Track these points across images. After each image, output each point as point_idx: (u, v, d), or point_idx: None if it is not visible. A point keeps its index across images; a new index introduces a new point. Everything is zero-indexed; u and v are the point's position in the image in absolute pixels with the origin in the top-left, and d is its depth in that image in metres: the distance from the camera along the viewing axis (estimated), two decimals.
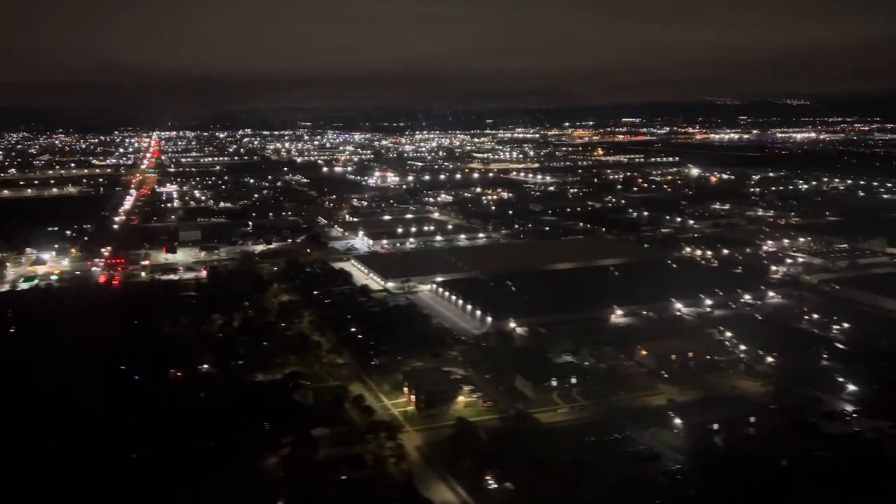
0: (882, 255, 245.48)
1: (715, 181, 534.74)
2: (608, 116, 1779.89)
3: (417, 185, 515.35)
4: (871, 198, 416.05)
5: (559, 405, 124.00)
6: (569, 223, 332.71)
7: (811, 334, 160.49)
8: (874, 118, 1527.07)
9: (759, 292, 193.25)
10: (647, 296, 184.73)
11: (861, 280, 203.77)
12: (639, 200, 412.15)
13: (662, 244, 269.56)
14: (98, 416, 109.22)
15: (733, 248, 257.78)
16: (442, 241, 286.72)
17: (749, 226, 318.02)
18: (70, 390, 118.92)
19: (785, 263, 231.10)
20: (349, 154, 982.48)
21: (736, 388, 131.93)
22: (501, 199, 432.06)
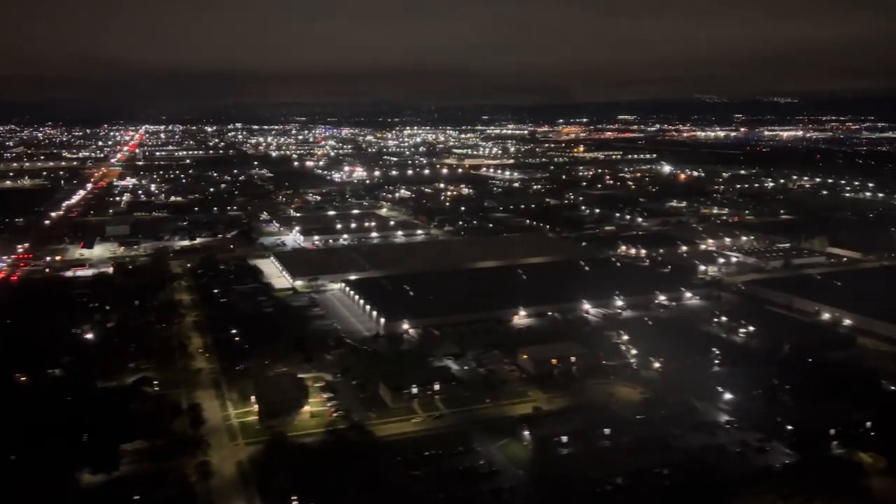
0: (820, 254, 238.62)
1: (683, 178, 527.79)
2: (603, 114, 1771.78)
3: (381, 181, 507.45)
4: (833, 197, 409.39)
5: (416, 414, 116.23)
6: (518, 220, 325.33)
7: (714, 338, 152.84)
8: (868, 117, 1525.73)
9: (676, 293, 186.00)
10: (559, 296, 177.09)
11: (784, 281, 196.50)
12: (598, 197, 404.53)
13: (601, 242, 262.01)
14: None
15: (670, 246, 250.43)
16: (377, 238, 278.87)
17: (698, 224, 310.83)
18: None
19: (716, 263, 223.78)
20: (329, 149, 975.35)
21: (612, 396, 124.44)
22: (460, 196, 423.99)
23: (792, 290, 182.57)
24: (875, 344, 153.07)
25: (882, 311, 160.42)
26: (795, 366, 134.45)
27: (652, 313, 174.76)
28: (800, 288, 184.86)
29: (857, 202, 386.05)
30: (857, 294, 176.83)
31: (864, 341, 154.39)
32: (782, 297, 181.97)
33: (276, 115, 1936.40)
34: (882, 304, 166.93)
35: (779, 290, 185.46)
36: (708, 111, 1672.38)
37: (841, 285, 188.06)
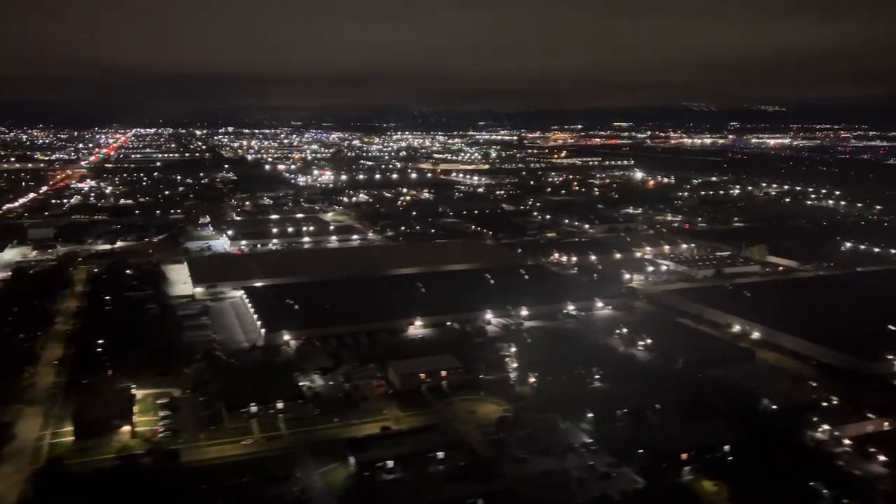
0: (756, 263, 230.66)
1: (652, 185, 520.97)
2: (599, 120, 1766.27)
3: (344, 185, 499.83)
4: (794, 204, 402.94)
5: (250, 435, 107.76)
6: (465, 225, 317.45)
7: (607, 351, 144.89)
8: (861, 126, 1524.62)
9: (588, 303, 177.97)
10: (463, 305, 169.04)
11: (702, 292, 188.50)
12: (555, 204, 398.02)
13: (537, 249, 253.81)
14: None
15: (605, 254, 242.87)
16: (309, 243, 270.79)
17: (646, 231, 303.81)
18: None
19: (644, 271, 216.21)
20: (309, 153, 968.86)
21: (474, 414, 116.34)
22: (418, 200, 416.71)
23: (707, 301, 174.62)
24: (777, 358, 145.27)
25: (788, 324, 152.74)
26: (680, 382, 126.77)
27: (557, 324, 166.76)
28: (716, 299, 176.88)
29: (816, 210, 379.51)
30: (772, 305, 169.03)
31: (767, 355, 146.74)
32: (696, 307, 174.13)
33: (272, 119, 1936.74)
34: (793, 315, 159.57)
35: (695, 300, 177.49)
36: (703, 119, 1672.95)
37: (757, 296, 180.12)
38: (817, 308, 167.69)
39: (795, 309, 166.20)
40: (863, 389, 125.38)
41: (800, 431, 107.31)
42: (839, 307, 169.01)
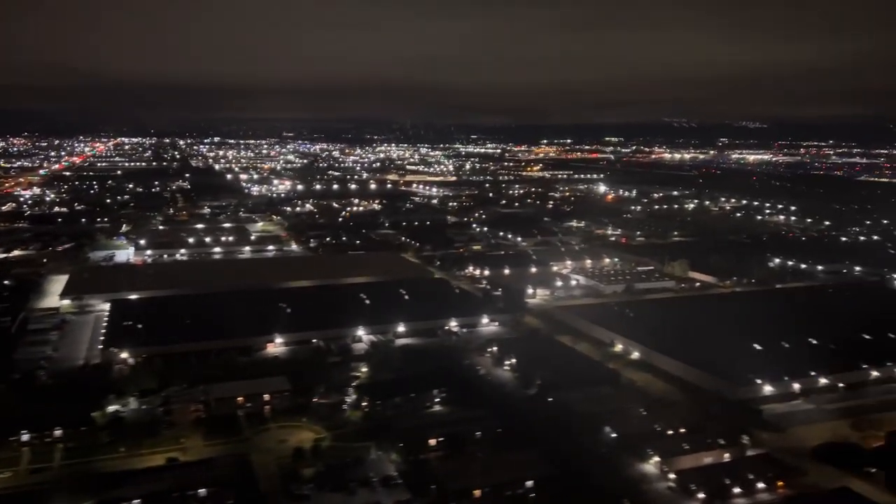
0: (671, 279, 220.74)
1: (610, 199, 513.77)
2: (590, 135, 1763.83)
3: (294, 195, 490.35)
4: (745, 219, 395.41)
5: (15, 467, 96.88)
6: (395, 236, 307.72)
7: (467, 372, 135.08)
8: (850, 143, 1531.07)
9: (473, 319, 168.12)
10: (334, 320, 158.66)
11: (595, 308, 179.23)
12: (502, 215, 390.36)
13: (454, 262, 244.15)
14: None
15: (521, 267, 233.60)
16: (220, 253, 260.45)
17: (580, 244, 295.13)
18: None
19: (551, 286, 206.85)
20: (282, 162, 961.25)
21: (284, 442, 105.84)
22: (362, 211, 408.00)
23: (595, 319, 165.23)
24: (647, 380, 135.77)
25: (666, 343, 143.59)
26: (527, 407, 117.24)
27: (433, 341, 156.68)
28: (604, 316, 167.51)
29: (764, 225, 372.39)
30: (659, 324, 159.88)
31: (639, 376, 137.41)
32: (585, 325, 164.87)
33: (263, 130, 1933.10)
34: (676, 334, 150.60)
35: (585, 317, 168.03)
36: (691, 134, 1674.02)
37: (649, 314, 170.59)
38: (707, 327, 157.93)
39: (682, 328, 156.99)
40: (723, 415, 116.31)
41: (622, 465, 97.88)
42: (731, 326, 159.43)
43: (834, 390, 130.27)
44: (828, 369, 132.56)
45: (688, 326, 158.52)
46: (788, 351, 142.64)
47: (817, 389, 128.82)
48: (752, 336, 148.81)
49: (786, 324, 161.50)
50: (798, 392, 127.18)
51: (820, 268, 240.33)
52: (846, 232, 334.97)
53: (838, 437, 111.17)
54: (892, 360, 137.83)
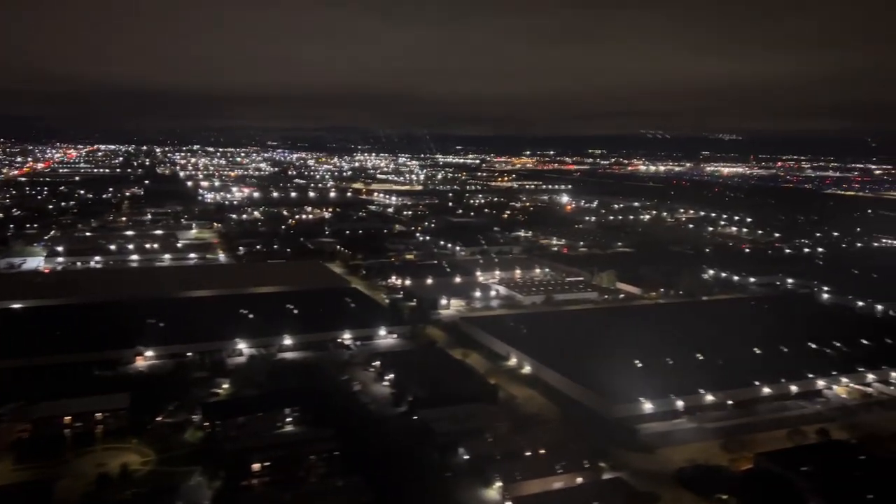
0: (593, 289, 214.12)
1: (569, 209, 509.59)
2: (575, 147, 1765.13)
3: (247, 202, 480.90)
4: (695, 230, 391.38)
5: None
6: (331, 244, 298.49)
7: (338, 387, 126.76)
8: (828, 157, 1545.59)
9: (369, 331, 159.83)
10: (214, 333, 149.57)
11: (497, 320, 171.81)
12: (452, 225, 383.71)
13: (379, 271, 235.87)
14: None
15: (445, 277, 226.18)
16: (138, 261, 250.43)
17: (518, 254, 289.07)
18: None
19: (468, 296, 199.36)
20: (252, 170, 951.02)
21: (102, 467, 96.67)
22: (308, 219, 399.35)
23: (495, 331, 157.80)
24: (529, 395, 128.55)
25: (555, 358, 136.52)
26: (383, 429, 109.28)
27: (323, 354, 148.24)
28: (506, 328, 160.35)
29: (713, 236, 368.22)
30: (556, 337, 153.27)
31: (522, 391, 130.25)
32: (485, 337, 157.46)
33: (245, 138, 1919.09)
34: (570, 348, 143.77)
35: (486, 329, 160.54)
36: (675, 147, 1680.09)
37: (550, 326, 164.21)
38: (606, 340, 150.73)
39: (581, 341, 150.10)
40: (596, 434, 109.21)
41: (461, 491, 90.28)
42: (632, 339, 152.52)
43: (722, 408, 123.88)
44: (717, 386, 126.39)
45: (588, 340, 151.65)
46: (681, 366, 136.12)
47: (703, 407, 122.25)
48: (649, 350, 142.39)
49: (691, 337, 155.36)
50: (682, 410, 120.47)
51: (752, 280, 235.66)
52: (792, 244, 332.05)
53: (708, 458, 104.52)
54: (787, 377, 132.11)
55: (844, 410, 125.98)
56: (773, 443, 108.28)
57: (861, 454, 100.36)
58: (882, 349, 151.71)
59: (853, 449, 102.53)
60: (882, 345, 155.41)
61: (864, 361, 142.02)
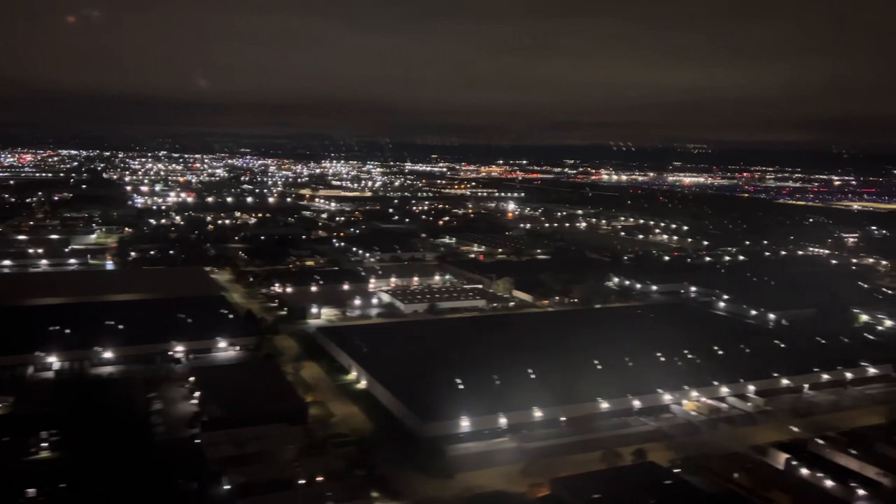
0: (479, 297, 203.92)
1: (511, 216, 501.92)
2: (548, 156, 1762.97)
3: (176, 207, 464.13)
4: (625, 238, 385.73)
5: None
6: (235, 251, 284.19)
7: (134, 406, 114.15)
8: (796, 168, 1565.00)
9: (209, 342, 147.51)
10: (26, 344, 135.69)
11: (352, 330, 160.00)
12: (380, 230, 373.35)
13: (262, 279, 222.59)
14: None
15: (334, 283, 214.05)
16: (10, 268, 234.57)
17: (432, 260, 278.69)
18: None
19: (348, 304, 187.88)
20: (206, 175, 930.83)
21: None
22: (228, 224, 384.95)
23: (346, 342, 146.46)
24: (351, 413, 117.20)
25: (386, 371, 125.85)
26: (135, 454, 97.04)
27: (147, 368, 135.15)
28: (357, 339, 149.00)
29: (641, 244, 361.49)
30: (413, 348, 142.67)
31: (345, 408, 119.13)
32: (333, 348, 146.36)
33: (221, 145, 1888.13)
34: (407, 361, 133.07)
35: (336, 340, 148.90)
36: (645, 157, 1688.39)
37: (404, 336, 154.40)
38: (461, 352, 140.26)
39: (431, 352, 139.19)
40: (407, 455, 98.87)
41: None
42: (490, 350, 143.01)
43: (554, 425, 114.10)
44: (557, 400, 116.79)
45: (442, 351, 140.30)
46: (526, 379, 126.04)
47: (531, 424, 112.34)
48: (503, 362, 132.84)
49: (558, 348, 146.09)
50: (505, 428, 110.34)
51: (655, 288, 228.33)
52: (715, 252, 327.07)
53: (512, 483, 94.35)
54: (635, 391, 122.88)
55: (686, 427, 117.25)
56: (588, 465, 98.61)
57: (668, 479, 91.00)
58: (755, 361, 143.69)
59: (662, 474, 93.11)
60: (757, 356, 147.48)
61: (725, 374, 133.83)
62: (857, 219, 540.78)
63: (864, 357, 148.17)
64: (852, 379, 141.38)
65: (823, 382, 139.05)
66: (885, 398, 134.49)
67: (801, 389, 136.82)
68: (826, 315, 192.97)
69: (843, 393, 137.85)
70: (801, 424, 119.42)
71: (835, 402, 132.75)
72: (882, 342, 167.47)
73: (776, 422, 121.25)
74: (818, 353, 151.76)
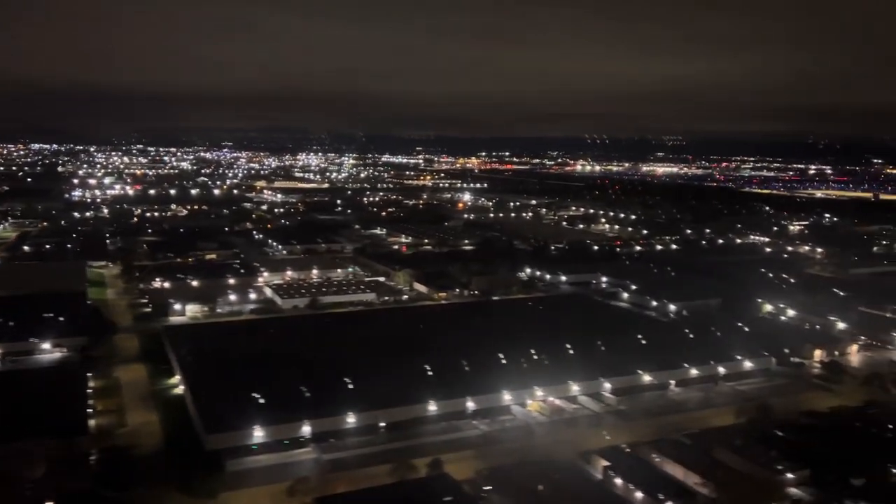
0: (369, 291, 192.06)
1: (461, 206, 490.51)
2: (531, 148, 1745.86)
3: (109, 200, 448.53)
4: (567, 227, 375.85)
5: None
6: (139, 243, 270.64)
7: None
8: (776, 158, 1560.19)
9: (24, 344, 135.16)
10: None
11: (205, 329, 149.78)
12: (315, 222, 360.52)
13: (148, 273, 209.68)
14: None
15: (220, 277, 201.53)
16: None
17: (349, 252, 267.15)
18: None
19: (219, 300, 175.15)
20: (167, 169, 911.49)
21: None
22: (157, 216, 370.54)
23: (182, 343, 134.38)
24: (148, 422, 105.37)
25: (212, 374, 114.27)
26: None
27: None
28: (195, 339, 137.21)
29: (581, 233, 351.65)
30: (255, 348, 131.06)
31: (148, 417, 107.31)
32: (168, 350, 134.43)
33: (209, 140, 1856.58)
34: (247, 364, 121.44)
35: (174, 340, 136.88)
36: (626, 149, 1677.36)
37: (265, 335, 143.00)
38: (297, 354, 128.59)
39: (263, 354, 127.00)
40: (189, 470, 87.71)
41: None
42: (344, 349, 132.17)
43: (372, 431, 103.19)
44: (387, 402, 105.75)
45: (284, 351, 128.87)
46: (364, 380, 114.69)
47: (343, 432, 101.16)
48: (347, 362, 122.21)
49: (429, 345, 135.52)
50: (308, 437, 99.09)
51: (564, 278, 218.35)
52: (650, 241, 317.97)
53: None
54: (476, 391, 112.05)
55: (520, 430, 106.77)
56: (380, 478, 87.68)
57: (449, 495, 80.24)
58: (627, 356, 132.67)
59: (447, 489, 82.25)
60: (630, 351, 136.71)
61: (585, 371, 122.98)
62: (812, 207, 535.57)
63: (747, 349, 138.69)
64: (726, 374, 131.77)
65: (693, 378, 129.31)
66: (757, 394, 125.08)
67: (666, 386, 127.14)
68: (730, 305, 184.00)
69: (714, 389, 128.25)
70: (650, 425, 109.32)
71: (699, 400, 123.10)
72: (776, 333, 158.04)
73: (625, 423, 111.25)
74: (696, 346, 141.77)
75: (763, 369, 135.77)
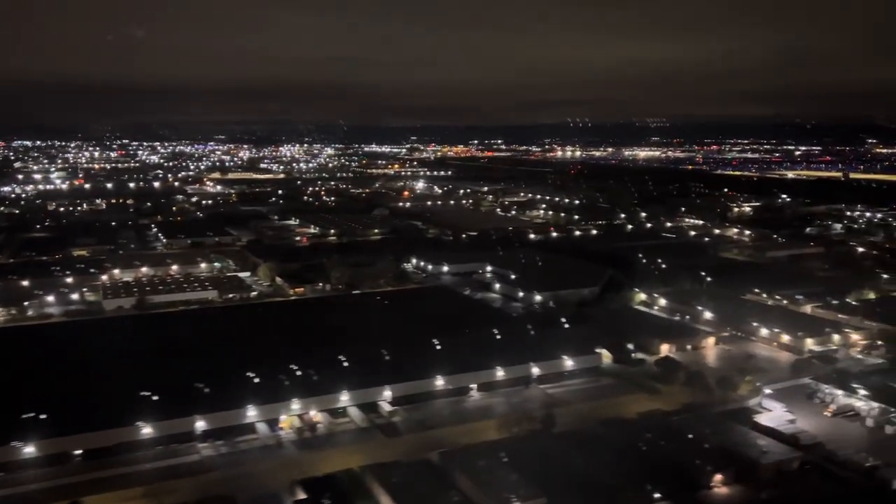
0: (213, 288, 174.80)
1: (406, 195, 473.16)
2: (528, 136, 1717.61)
3: (32, 195, 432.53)
4: (499, 215, 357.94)
5: None
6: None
7: None
8: (769, 140, 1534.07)
9: None
10: None
11: None
12: (234, 214, 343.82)
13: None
14: None
15: (81, 275, 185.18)
16: None
17: (243, 244, 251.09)
18: None
19: (22, 302, 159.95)
20: (133, 163, 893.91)
21: None
22: (70, 210, 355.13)
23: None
24: None
25: None
26: None
27: None
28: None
29: (512, 220, 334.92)
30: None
31: None
32: None
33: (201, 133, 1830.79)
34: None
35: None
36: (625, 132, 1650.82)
37: (55, 341, 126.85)
38: (62, 366, 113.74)
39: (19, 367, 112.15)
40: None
41: None
42: (125, 360, 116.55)
43: (67, 460, 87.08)
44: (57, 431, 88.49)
45: (52, 362, 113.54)
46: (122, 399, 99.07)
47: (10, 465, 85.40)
48: (120, 374, 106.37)
49: (242, 348, 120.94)
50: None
51: (446, 269, 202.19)
52: (577, 227, 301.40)
53: None
54: (224, 407, 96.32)
55: (248, 454, 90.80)
56: None
57: None
58: (448, 355, 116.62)
59: None
60: (463, 349, 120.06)
61: (369, 378, 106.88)
62: (775, 187, 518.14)
63: (581, 346, 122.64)
64: (542, 375, 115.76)
65: (501, 381, 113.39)
66: (568, 398, 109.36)
67: (466, 391, 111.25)
68: (605, 295, 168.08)
69: (522, 393, 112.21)
70: (410, 442, 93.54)
71: (496, 407, 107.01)
72: (633, 325, 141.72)
73: (386, 439, 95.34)
74: (528, 343, 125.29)
75: (590, 368, 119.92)
